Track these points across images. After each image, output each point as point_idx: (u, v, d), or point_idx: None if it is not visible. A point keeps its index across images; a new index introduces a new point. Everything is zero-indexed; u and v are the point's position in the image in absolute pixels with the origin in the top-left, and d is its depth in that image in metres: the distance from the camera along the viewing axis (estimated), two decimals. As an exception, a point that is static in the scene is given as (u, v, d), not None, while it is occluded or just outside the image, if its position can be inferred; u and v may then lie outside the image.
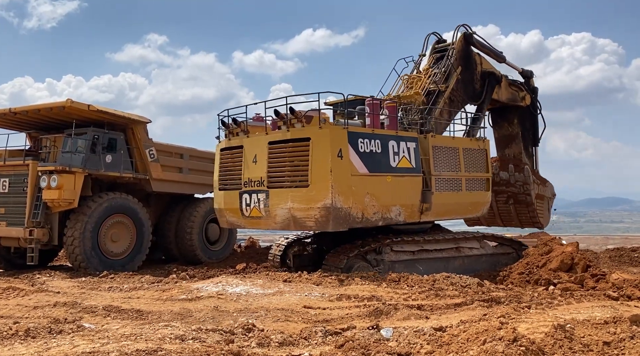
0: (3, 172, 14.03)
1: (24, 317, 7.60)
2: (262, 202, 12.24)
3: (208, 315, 7.76)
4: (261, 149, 12.38)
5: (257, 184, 12.38)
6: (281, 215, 12.03)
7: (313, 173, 11.57)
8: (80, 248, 13.14)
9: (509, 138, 18.44)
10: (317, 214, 11.59)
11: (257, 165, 12.40)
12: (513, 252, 15.25)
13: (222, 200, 13.37)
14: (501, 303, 8.24)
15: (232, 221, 13.48)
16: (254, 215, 12.54)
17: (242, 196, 12.66)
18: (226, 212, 13.34)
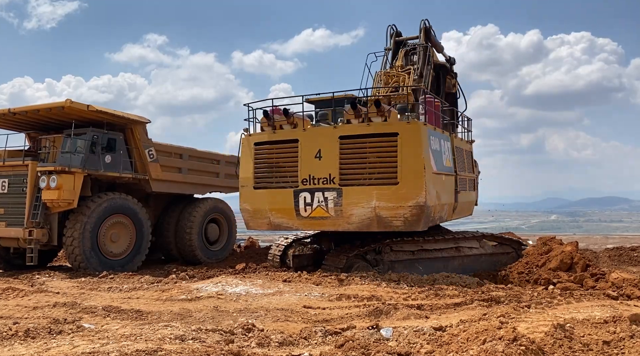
0: (2, 173, 14.01)
1: (24, 318, 7.60)
2: (332, 201, 11.60)
3: (208, 315, 7.75)
4: (328, 144, 11.66)
5: (324, 182, 11.68)
6: (359, 215, 11.45)
7: (403, 170, 11.12)
8: (80, 249, 13.13)
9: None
10: (408, 213, 11.17)
11: (322, 161, 11.67)
12: (512, 251, 15.25)
13: (265, 200, 12.27)
14: (501, 302, 8.24)
15: (278, 222, 12.35)
16: (316, 215, 11.80)
17: (298, 195, 11.81)
18: (271, 213, 12.24)
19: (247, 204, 12.57)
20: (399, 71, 15.50)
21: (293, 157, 11.95)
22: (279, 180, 12.13)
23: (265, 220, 12.43)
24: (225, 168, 17.96)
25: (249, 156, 12.44)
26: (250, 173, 12.45)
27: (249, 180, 12.47)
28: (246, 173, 12.54)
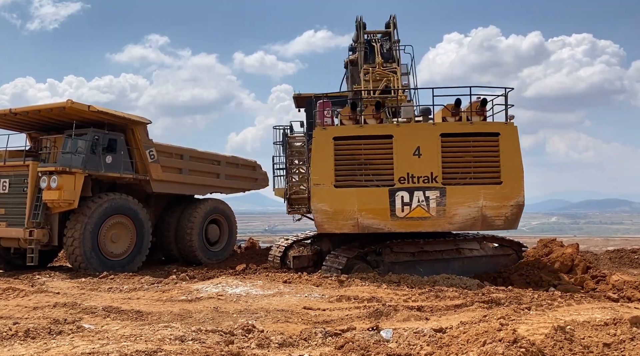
0: (3, 173, 14.02)
1: (24, 318, 7.59)
2: (434, 201, 11.39)
3: (208, 316, 7.75)
4: (428, 141, 11.45)
5: (424, 180, 11.41)
6: (463, 215, 11.45)
7: (504, 170, 11.39)
8: (80, 249, 13.13)
9: None
10: (509, 212, 11.43)
11: (421, 158, 11.40)
12: (513, 253, 15.22)
13: (352, 200, 11.54)
14: (501, 304, 8.24)
15: (367, 224, 11.63)
16: (415, 215, 11.47)
17: (394, 194, 11.36)
18: (360, 214, 11.55)
19: (325, 204, 11.52)
20: (383, 69, 15.51)
21: (387, 154, 11.48)
22: (370, 178, 11.52)
23: (350, 222, 11.62)
24: (226, 169, 17.96)
25: (327, 152, 11.51)
26: (329, 170, 11.51)
27: (327, 178, 11.51)
28: (323, 170, 11.52)
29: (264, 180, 19.64)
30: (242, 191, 19.43)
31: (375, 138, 11.55)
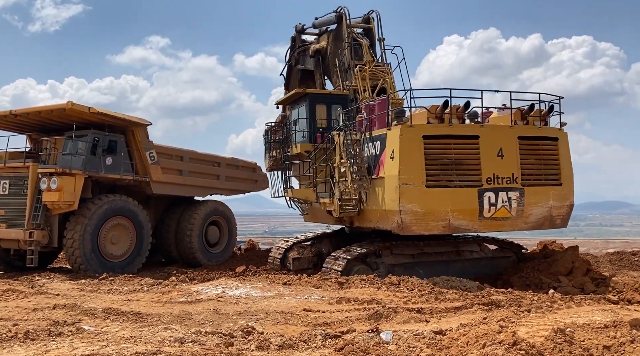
0: (3, 174, 14.02)
1: (24, 319, 7.59)
2: (515, 201, 11.60)
3: (207, 317, 7.75)
4: (508, 142, 11.70)
5: (507, 181, 11.57)
6: (536, 215, 11.99)
7: (562, 172, 12.34)
8: (80, 250, 13.13)
9: None
10: (564, 212, 12.29)
11: (504, 160, 11.56)
12: (513, 255, 15.21)
13: (445, 200, 11.31)
14: (501, 306, 8.23)
15: (458, 225, 11.47)
16: (498, 215, 11.58)
17: (483, 195, 11.36)
18: (452, 214, 11.35)
19: (416, 205, 11.11)
20: (374, 68, 15.59)
21: (474, 154, 11.49)
22: (461, 178, 11.39)
23: (441, 223, 11.37)
24: (226, 170, 17.97)
25: (416, 150, 11.14)
26: (419, 169, 11.10)
27: (416, 178, 11.11)
28: (412, 169, 11.11)
29: (264, 182, 19.63)
30: (242, 193, 19.42)
31: (463, 138, 11.55)
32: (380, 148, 11.78)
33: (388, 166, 11.43)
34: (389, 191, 11.40)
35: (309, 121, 14.89)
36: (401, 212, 11.13)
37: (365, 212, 12.61)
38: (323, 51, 17.19)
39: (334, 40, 16.85)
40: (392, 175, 11.28)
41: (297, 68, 19.03)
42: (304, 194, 14.47)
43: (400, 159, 11.11)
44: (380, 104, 12.43)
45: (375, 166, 11.92)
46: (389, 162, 11.40)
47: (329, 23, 17.19)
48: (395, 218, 11.31)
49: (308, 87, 19.72)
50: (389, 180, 11.42)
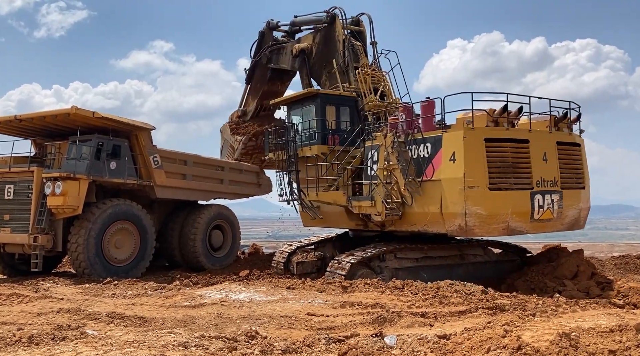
0: (8, 179, 14.08)
1: (28, 324, 7.61)
2: (556, 203, 12.09)
3: (211, 322, 7.75)
4: (549, 147, 12.21)
5: (551, 184, 12.04)
6: (570, 216, 12.66)
7: (585, 176, 13.15)
8: (84, 255, 13.15)
9: None
10: (584, 214, 13.10)
11: (547, 163, 12.03)
12: (517, 259, 15.17)
13: (506, 203, 11.47)
14: (505, 310, 8.20)
15: (514, 227, 11.69)
16: (544, 217, 11.98)
17: (534, 197, 11.71)
18: (511, 217, 11.53)
19: (480, 207, 11.20)
20: (375, 72, 15.59)
21: (526, 158, 11.81)
22: (515, 181, 11.63)
23: (501, 225, 11.54)
24: (230, 174, 17.99)
25: (479, 152, 11.26)
26: (483, 172, 11.23)
27: (480, 181, 11.20)
28: (476, 172, 11.20)
29: (268, 186, 19.64)
30: (245, 197, 19.44)
31: (517, 141, 11.85)
32: (432, 150, 11.76)
33: (447, 168, 11.44)
34: (450, 193, 11.39)
35: (320, 122, 14.63)
36: (466, 215, 11.18)
37: (408, 215, 12.37)
38: (308, 51, 16.87)
39: (323, 41, 16.54)
40: (454, 178, 11.29)
41: (268, 66, 18.71)
42: (331, 197, 13.84)
43: (465, 162, 11.18)
44: (428, 106, 12.48)
45: (425, 168, 11.85)
46: (448, 164, 11.42)
47: (316, 22, 16.87)
48: (458, 221, 11.37)
49: (276, 86, 19.60)
50: (449, 183, 11.42)
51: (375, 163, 12.94)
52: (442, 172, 11.59)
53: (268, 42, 18.92)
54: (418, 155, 12.13)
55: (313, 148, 14.57)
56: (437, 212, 11.73)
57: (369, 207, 12.88)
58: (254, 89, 20.02)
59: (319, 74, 16.57)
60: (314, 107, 14.81)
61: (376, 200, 12.59)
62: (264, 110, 20.07)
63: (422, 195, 11.99)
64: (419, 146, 12.13)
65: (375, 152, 12.99)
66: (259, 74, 19.50)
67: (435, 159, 11.72)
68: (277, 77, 19.36)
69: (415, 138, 12.23)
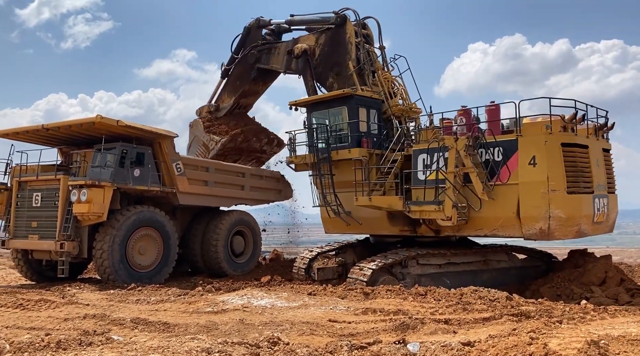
0: (36, 187, 14.42)
1: (55, 329, 7.75)
2: (606, 207, 12.65)
3: (234, 327, 7.78)
4: (599, 153, 12.85)
5: (602, 188, 12.68)
6: (611, 219, 13.22)
7: (614, 181, 13.58)
8: (109, 261, 13.36)
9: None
10: (615, 218, 13.54)
11: (599, 168, 12.64)
12: (542, 264, 14.90)
13: (579, 206, 11.76)
14: (531, 317, 8.05)
15: (583, 230, 12.06)
16: (599, 220, 12.48)
17: (594, 200, 12.17)
18: (583, 220, 11.89)
19: (561, 211, 11.46)
20: (394, 78, 15.55)
21: (587, 162, 12.21)
22: (582, 185, 11.98)
23: (575, 228, 11.85)
24: (251, 180, 18.10)
25: (557, 157, 11.57)
26: (561, 176, 11.52)
27: (560, 184, 11.48)
28: (557, 176, 11.48)
29: (288, 192, 19.69)
30: (266, 202, 19.52)
31: (582, 147, 12.19)
32: (506, 154, 11.87)
33: (526, 172, 11.62)
34: (531, 197, 11.56)
35: (354, 125, 14.31)
36: (550, 218, 11.37)
37: (475, 220, 12.31)
38: (310, 52, 16.27)
39: (329, 42, 16.00)
40: (535, 181, 11.50)
41: (255, 66, 18.03)
42: (386, 202, 13.36)
43: (548, 166, 11.43)
44: (494, 110, 12.60)
45: (499, 172, 11.93)
46: (526, 168, 11.61)
47: (322, 23, 16.33)
48: (539, 225, 11.56)
49: (257, 86, 18.89)
50: (529, 186, 11.60)
51: (428, 168, 12.67)
52: (520, 176, 11.69)
53: (255, 40, 18.19)
54: (487, 159, 12.14)
55: (353, 151, 14.14)
56: (512, 215, 11.81)
57: (434, 212, 12.32)
58: (232, 86, 19.17)
59: (324, 76, 16.06)
60: (346, 109, 14.42)
61: (445, 204, 12.12)
62: (238, 108, 19.37)
63: (493, 199, 11.96)
64: (488, 150, 12.13)
65: (426, 156, 12.75)
66: (241, 71, 18.64)
67: (511, 163, 11.82)
68: (261, 78, 18.66)
69: (486, 141, 12.18)
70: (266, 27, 18.31)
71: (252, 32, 18.29)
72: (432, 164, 12.62)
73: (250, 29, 18.30)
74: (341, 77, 15.45)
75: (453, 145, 12.25)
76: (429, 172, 12.65)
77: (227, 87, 19.30)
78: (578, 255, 14.18)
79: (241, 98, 18.96)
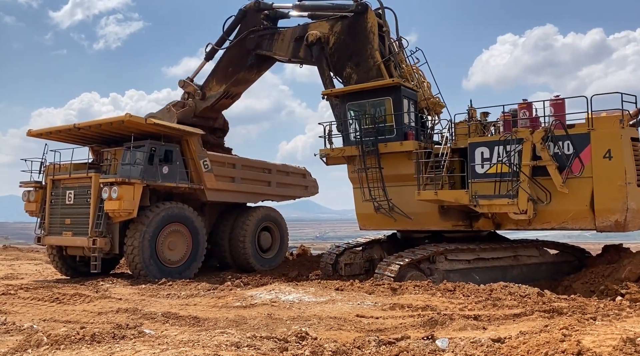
0: (69, 185, 14.81)
1: (90, 322, 7.97)
2: None
3: (262, 322, 7.85)
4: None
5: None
6: None
7: None
8: (140, 257, 13.64)
9: None
10: None
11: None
12: (575, 259, 14.55)
13: None
14: (563, 314, 7.88)
15: None
16: None
17: None
18: None
19: (635, 203, 11.89)
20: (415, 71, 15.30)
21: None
22: None
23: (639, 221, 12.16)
24: (277, 177, 18.19)
25: (629, 151, 11.94)
26: (633, 169, 11.96)
27: (633, 177, 11.90)
28: (631, 169, 11.88)
29: (314, 188, 19.73)
30: (292, 198, 19.60)
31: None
32: (578, 147, 11.95)
33: (601, 165, 11.81)
34: (607, 189, 11.75)
35: (400, 117, 13.93)
36: (627, 210, 11.66)
37: (543, 213, 12.31)
38: (325, 40, 15.39)
39: (347, 31, 15.14)
40: (612, 174, 11.72)
41: (254, 52, 16.71)
42: (452, 196, 13.10)
43: (624, 160, 11.68)
44: (561, 104, 12.54)
45: (571, 165, 12.00)
46: (600, 161, 11.81)
47: (337, 10, 15.52)
48: (615, 217, 11.77)
49: (251, 74, 17.36)
50: (605, 179, 11.79)
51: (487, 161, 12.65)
52: (595, 169, 11.82)
53: (252, 23, 16.93)
54: (556, 152, 12.11)
55: (406, 143, 13.68)
56: (585, 208, 11.93)
57: (507, 205, 12.21)
58: (223, 73, 17.48)
59: (340, 66, 15.32)
60: (391, 100, 13.98)
61: (520, 197, 12.04)
62: (226, 96, 17.68)
63: (568, 191, 11.95)
64: (558, 143, 12.09)
65: (485, 149, 12.72)
66: (235, 57, 17.22)
67: (583, 156, 11.90)
68: (257, 65, 17.32)
69: (555, 134, 12.10)
70: (265, 11, 17.05)
71: (249, 15, 17.01)
72: (491, 157, 12.56)
73: (246, 12, 17.04)
74: (362, 67, 14.83)
75: (529, 138, 12.18)
76: (489, 165, 12.58)
77: (217, 73, 17.61)
78: (613, 250, 13.79)
79: (232, 86, 17.45)
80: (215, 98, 17.55)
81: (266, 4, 17.05)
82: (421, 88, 15.12)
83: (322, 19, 15.81)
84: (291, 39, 16.22)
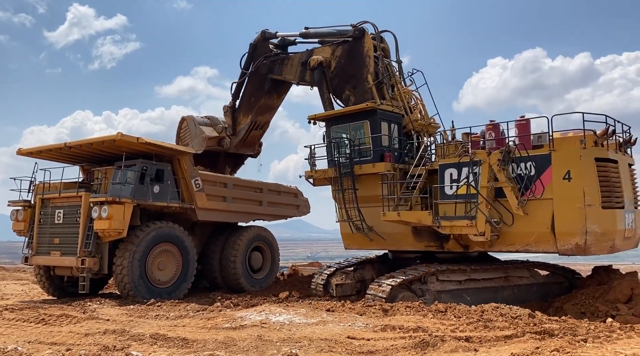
0: (58, 204, 14.67)
1: (76, 344, 7.82)
2: (634, 222, 12.71)
3: (252, 344, 7.75)
4: (626, 168, 12.79)
5: (630, 204, 12.64)
6: (638, 235, 13.12)
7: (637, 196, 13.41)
8: (129, 277, 13.47)
9: None
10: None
11: (627, 183, 12.65)
12: (565, 281, 14.59)
13: (613, 221, 11.69)
14: (554, 335, 7.86)
15: (617, 245, 12.02)
16: (628, 235, 12.46)
17: (624, 215, 12.12)
18: (617, 235, 11.84)
19: (597, 226, 11.44)
20: (412, 92, 15.55)
21: (618, 177, 12.18)
22: (615, 200, 11.92)
23: (609, 243, 11.82)
24: (268, 196, 18.16)
25: (592, 172, 11.58)
26: (596, 191, 11.52)
27: (595, 199, 11.46)
28: (592, 190, 11.47)
29: (306, 207, 19.70)
30: (284, 218, 19.54)
31: (613, 162, 12.09)
32: (538, 169, 11.84)
33: (560, 187, 11.60)
34: (567, 212, 11.52)
35: (377, 139, 14.17)
36: (587, 233, 11.34)
37: (507, 235, 12.22)
38: (326, 64, 16.09)
39: (346, 55, 15.82)
40: (571, 196, 11.48)
41: (267, 77, 17.49)
42: (415, 217, 13.15)
43: (583, 180, 11.43)
44: (525, 125, 12.50)
45: (531, 186, 11.90)
46: (560, 182, 11.60)
47: (339, 36, 16.19)
48: (575, 240, 11.51)
49: (272, 100, 18.27)
50: (564, 201, 11.57)
51: (455, 183, 12.57)
52: (554, 191, 11.63)
53: (264, 53, 17.83)
54: (518, 173, 12.07)
55: (378, 165, 13.93)
56: (546, 230, 11.73)
57: (466, 227, 12.16)
58: (246, 104, 18.37)
59: (340, 89, 15.92)
60: (368, 123, 14.30)
61: (478, 219, 11.96)
62: (255, 127, 18.50)
63: (527, 214, 11.87)
64: (520, 164, 12.06)
65: (454, 170, 12.68)
66: (254, 85, 18.07)
67: (544, 177, 11.76)
68: (275, 89, 18.08)
69: (517, 156, 12.08)
70: (272, 39, 17.97)
71: (259, 46, 18.02)
72: (460, 179, 12.49)
73: (255, 45, 18.06)
74: (358, 90, 15.31)
75: (486, 160, 12.17)
76: (457, 187, 12.51)
77: (242, 106, 18.59)
78: (603, 272, 13.85)
79: (258, 115, 18.30)
80: (244, 131, 18.39)
81: (270, 33, 18.04)
82: (414, 110, 15.28)
83: (326, 44, 16.55)
84: (298, 63, 17.03)
